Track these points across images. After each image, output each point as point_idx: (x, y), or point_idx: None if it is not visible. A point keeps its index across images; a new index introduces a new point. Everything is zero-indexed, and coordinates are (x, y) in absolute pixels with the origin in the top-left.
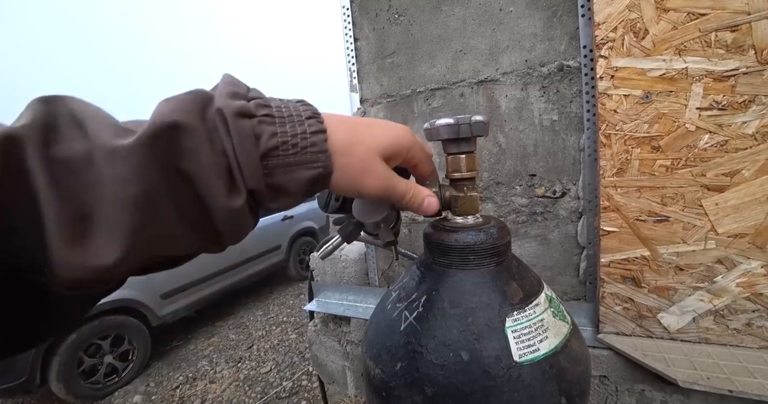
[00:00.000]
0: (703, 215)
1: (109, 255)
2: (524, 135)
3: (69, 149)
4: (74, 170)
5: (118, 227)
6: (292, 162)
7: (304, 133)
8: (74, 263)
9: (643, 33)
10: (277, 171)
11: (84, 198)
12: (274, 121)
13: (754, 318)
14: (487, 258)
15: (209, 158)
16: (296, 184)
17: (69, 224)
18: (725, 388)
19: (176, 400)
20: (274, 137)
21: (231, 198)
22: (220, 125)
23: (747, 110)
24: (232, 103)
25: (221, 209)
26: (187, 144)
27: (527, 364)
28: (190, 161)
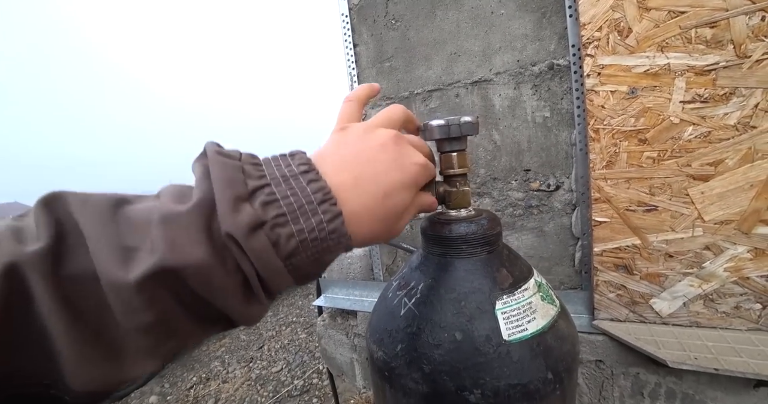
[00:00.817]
0: (689, 203)
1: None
2: (518, 132)
3: (75, 267)
4: (83, 288)
5: (142, 347)
6: (316, 254)
7: (321, 224)
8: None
9: (626, 31)
10: (302, 264)
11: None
12: (287, 220)
13: (742, 301)
14: (478, 247)
15: (221, 281)
16: (322, 268)
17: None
18: (711, 367)
19: (191, 400)
20: (291, 239)
21: (249, 306)
22: (233, 246)
23: (728, 101)
24: (238, 220)
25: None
26: (196, 278)
27: (516, 342)
28: (201, 288)
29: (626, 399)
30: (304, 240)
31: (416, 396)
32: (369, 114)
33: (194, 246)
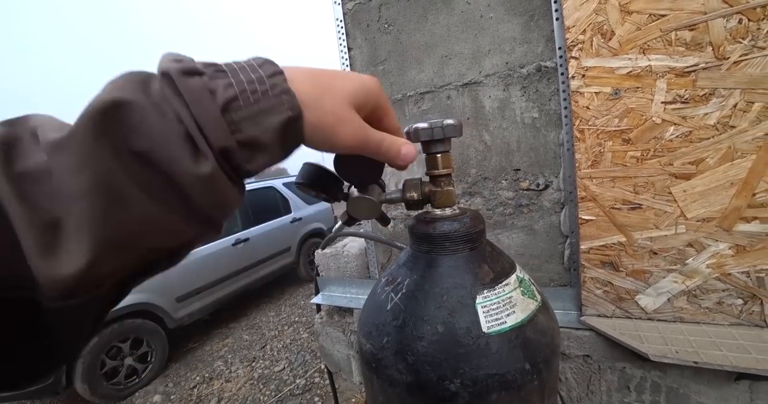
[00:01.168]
0: (672, 201)
1: (80, 258)
2: (508, 133)
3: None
4: (37, 181)
5: (83, 224)
6: (257, 110)
7: (261, 78)
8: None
9: (609, 34)
10: (243, 124)
11: (50, 206)
12: (226, 73)
13: (724, 297)
14: (461, 244)
15: (161, 128)
16: (268, 134)
17: (40, 233)
18: (691, 360)
19: (194, 399)
20: (230, 88)
21: (197, 165)
22: (168, 88)
23: (708, 102)
24: (173, 64)
25: (190, 179)
26: (133, 121)
27: (495, 334)
28: (141, 139)
29: (613, 392)
30: (244, 91)
31: (401, 386)
32: None
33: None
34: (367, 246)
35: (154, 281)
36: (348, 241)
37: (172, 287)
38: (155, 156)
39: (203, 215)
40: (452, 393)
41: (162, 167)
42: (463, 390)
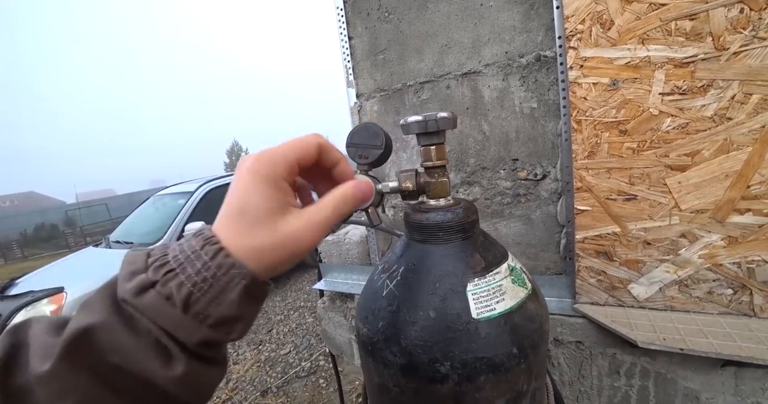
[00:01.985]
0: (667, 192)
1: None
2: (506, 123)
3: (19, 378)
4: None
5: None
6: (215, 294)
7: (206, 264)
8: None
9: (608, 24)
10: (208, 309)
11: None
12: (176, 273)
13: (714, 287)
14: (453, 234)
15: (131, 343)
16: (234, 306)
17: None
18: (677, 347)
19: None
20: (183, 287)
21: (169, 369)
22: (131, 309)
23: (706, 93)
24: (128, 285)
25: (165, 381)
26: (104, 342)
27: (484, 320)
28: (114, 355)
29: (604, 377)
30: (195, 283)
31: (394, 368)
32: (364, 106)
33: (96, 313)
34: (368, 234)
35: None
36: (350, 229)
37: None
38: (129, 367)
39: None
40: (443, 374)
41: (137, 375)
42: (452, 372)
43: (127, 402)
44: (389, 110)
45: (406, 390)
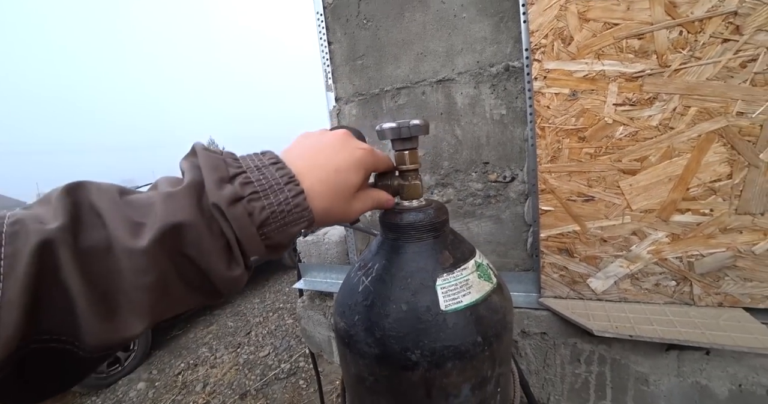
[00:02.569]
0: (620, 194)
1: (135, 328)
2: (478, 128)
3: (91, 239)
4: (96, 258)
5: (139, 306)
6: (283, 224)
7: (287, 200)
8: (104, 336)
9: (569, 39)
10: (272, 234)
11: (106, 282)
12: (260, 196)
13: (661, 279)
14: (425, 233)
15: (209, 243)
16: (288, 239)
17: (98, 303)
18: (627, 334)
19: (179, 385)
20: (264, 211)
21: (230, 270)
22: (217, 214)
23: (652, 105)
24: (222, 193)
25: (222, 279)
26: (190, 237)
27: (451, 312)
28: (193, 248)
29: (566, 365)
30: (274, 212)
31: (370, 358)
32: (343, 109)
33: (187, 211)
34: (346, 234)
35: None
36: (329, 229)
37: None
38: (200, 261)
39: (219, 295)
40: (413, 362)
41: (202, 268)
42: (422, 360)
43: (186, 288)
44: (367, 114)
45: (380, 379)
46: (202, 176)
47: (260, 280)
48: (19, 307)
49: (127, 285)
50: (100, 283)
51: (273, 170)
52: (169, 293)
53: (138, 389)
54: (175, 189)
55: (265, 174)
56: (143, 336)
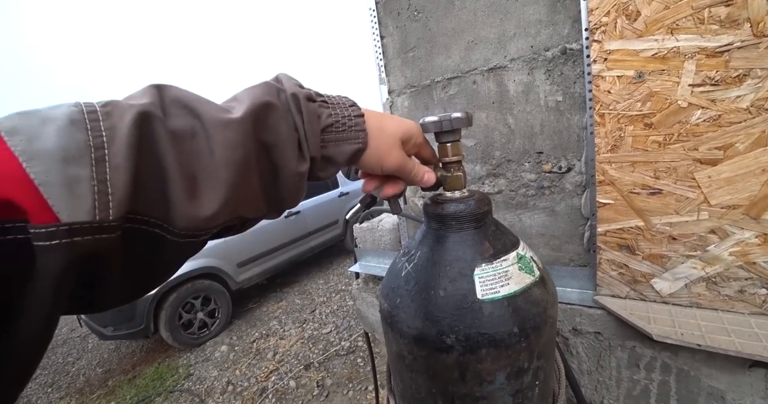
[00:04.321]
0: (695, 187)
1: (212, 206)
2: (531, 116)
3: (178, 124)
4: (183, 140)
5: (221, 184)
6: (341, 137)
7: (350, 116)
8: (190, 214)
9: (635, 15)
10: (330, 144)
11: (192, 162)
12: (328, 105)
13: (746, 286)
14: (466, 223)
15: (285, 131)
16: (341, 156)
17: (185, 181)
18: (694, 342)
19: (254, 351)
20: (330, 117)
21: (299, 164)
22: (293, 106)
23: (742, 83)
24: (302, 90)
25: (291, 173)
26: (272, 120)
27: (488, 301)
28: (271, 134)
29: (623, 369)
30: (337, 121)
31: (408, 338)
32: (395, 101)
33: (272, 96)
34: (399, 222)
35: (219, 249)
36: (384, 216)
37: (234, 254)
38: (275, 149)
39: (280, 203)
40: (448, 345)
41: (275, 158)
42: (457, 344)
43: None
44: (419, 105)
45: (418, 358)
46: (281, 81)
47: (325, 263)
48: (126, 172)
49: (214, 162)
50: (189, 162)
51: (342, 97)
52: (248, 179)
53: (221, 351)
54: (256, 84)
55: (335, 97)
56: (225, 305)
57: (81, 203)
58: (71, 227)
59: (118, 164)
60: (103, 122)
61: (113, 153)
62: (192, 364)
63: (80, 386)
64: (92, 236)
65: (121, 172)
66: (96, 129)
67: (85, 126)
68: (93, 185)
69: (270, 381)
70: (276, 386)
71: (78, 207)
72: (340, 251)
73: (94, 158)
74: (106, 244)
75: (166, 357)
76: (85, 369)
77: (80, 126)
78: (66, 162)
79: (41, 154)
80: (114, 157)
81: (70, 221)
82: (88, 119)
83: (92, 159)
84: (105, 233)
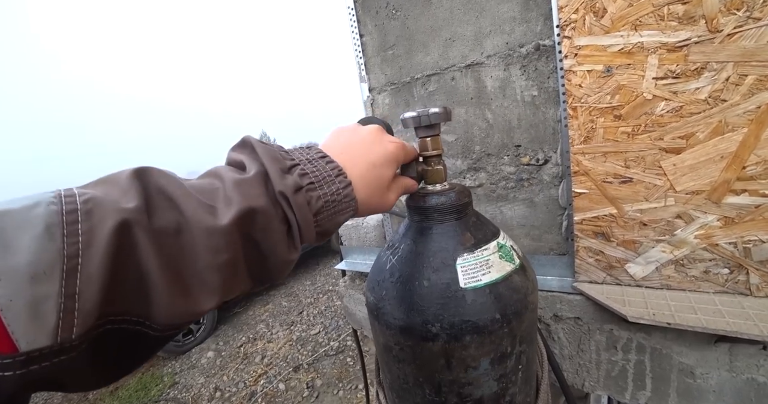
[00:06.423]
0: (662, 175)
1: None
2: (509, 111)
3: (165, 220)
4: (167, 238)
5: (211, 285)
6: (334, 212)
7: (338, 190)
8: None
9: (602, 12)
10: (323, 222)
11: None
12: (315, 187)
13: (710, 266)
14: (447, 215)
15: (276, 228)
16: (335, 227)
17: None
18: (665, 321)
19: (241, 355)
20: (319, 200)
21: (290, 253)
22: (284, 202)
23: (700, 76)
24: (286, 183)
25: (281, 263)
26: (261, 221)
27: (470, 289)
28: (261, 232)
29: (602, 351)
30: (327, 201)
31: (395, 329)
32: (376, 99)
33: (260, 198)
34: (383, 218)
35: None
36: None
37: None
38: (265, 246)
39: (266, 280)
40: (434, 334)
41: (266, 252)
42: (442, 332)
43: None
44: (399, 102)
45: (405, 348)
46: (264, 166)
47: (311, 264)
48: (98, 282)
49: (201, 264)
50: (173, 263)
51: (323, 163)
52: (237, 275)
53: (208, 357)
54: (245, 177)
55: (317, 166)
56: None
57: (42, 326)
58: (28, 356)
59: (91, 274)
60: (82, 224)
61: (86, 261)
62: (177, 372)
63: (58, 401)
64: (50, 362)
65: (93, 283)
66: (73, 234)
67: (62, 232)
68: (59, 303)
69: (259, 384)
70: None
71: (39, 332)
72: (327, 252)
73: (66, 270)
74: (66, 364)
75: (150, 367)
76: None
77: (56, 233)
78: (34, 280)
79: (9, 273)
80: (87, 266)
81: (28, 350)
82: (66, 221)
83: (63, 272)
84: (65, 355)
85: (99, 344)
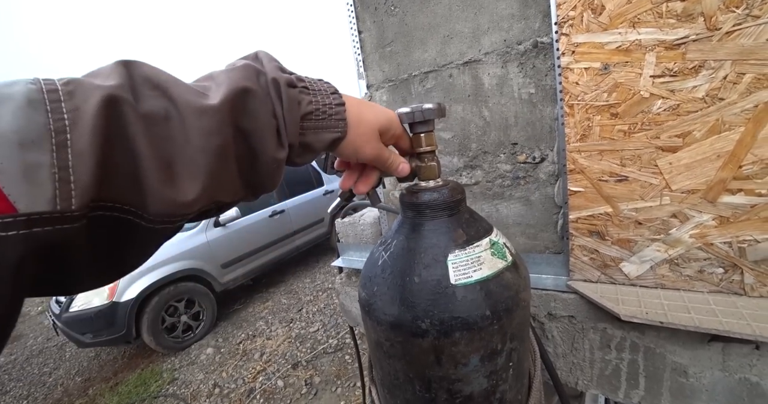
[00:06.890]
0: (658, 173)
1: (192, 192)
2: (506, 108)
3: (151, 107)
4: (156, 123)
5: (200, 170)
6: (320, 126)
7: (330, 104)
8: (167, 200)
9: (600, 9)
10: (308, 132)
11: (167, 147)
12: (309, 92)
13: (705, 266)
14: (439, 211)
15: (264, 118)
16: (319, 143)
17: (160, 166)
18: (657, 320)
19: (240, 352)
20: (310, 104)
21: (278, 151)
22: (273, 91)
23: (697, 74)
24: (282, 75)
25: (269, 159)
26: (250, 106)
27: (461, 286)
28: (249, 120)
29: (595, 350)
30: (317, 109)
31: (386, 325)
32: (374, 96)
33: (251, 80)
34: (379, 215)
35: (202, 250)
36: (365, 211)
37: (218, 255)
38: (254, 136)
39: (257, 188)
40: (423, 330)
41: (254, 145)
42: (432, 328)
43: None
44: (397, 99)
45: (395, 344)
46: (261, 61)
47: (311, 261)
48: (91, 158)
49: (191, 149)
50: (163, 149)
51: (322, 82)
52: (226, 165)
53: (207, 353)
54: (235, 65)
55: (317, 82)
56: (210, 307)
57: (40, 192)
58: (29, 218)
59: (82, 150)
60: (65, 103)
61: (76, 138)
62: (177, 368)
63: (58, 396)
64: (53, 227)
65: (86, 158)
66: (57, 111)
67: (45, 107)
68: (54, 173)
69: (257, 381)
70: (264, 386)
71: (37, 196)
72: (326, 250)
73: (55, 143)
74: (69, 234)
75: (149, 363)
76: (63, 378)
77: (39, 107)
78: (23, 147)
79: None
80: (77, 142)
81: (28, 212)
82: (48, 99)
83: (53, 144)
84: (67, 224)
85: (94, 230)
